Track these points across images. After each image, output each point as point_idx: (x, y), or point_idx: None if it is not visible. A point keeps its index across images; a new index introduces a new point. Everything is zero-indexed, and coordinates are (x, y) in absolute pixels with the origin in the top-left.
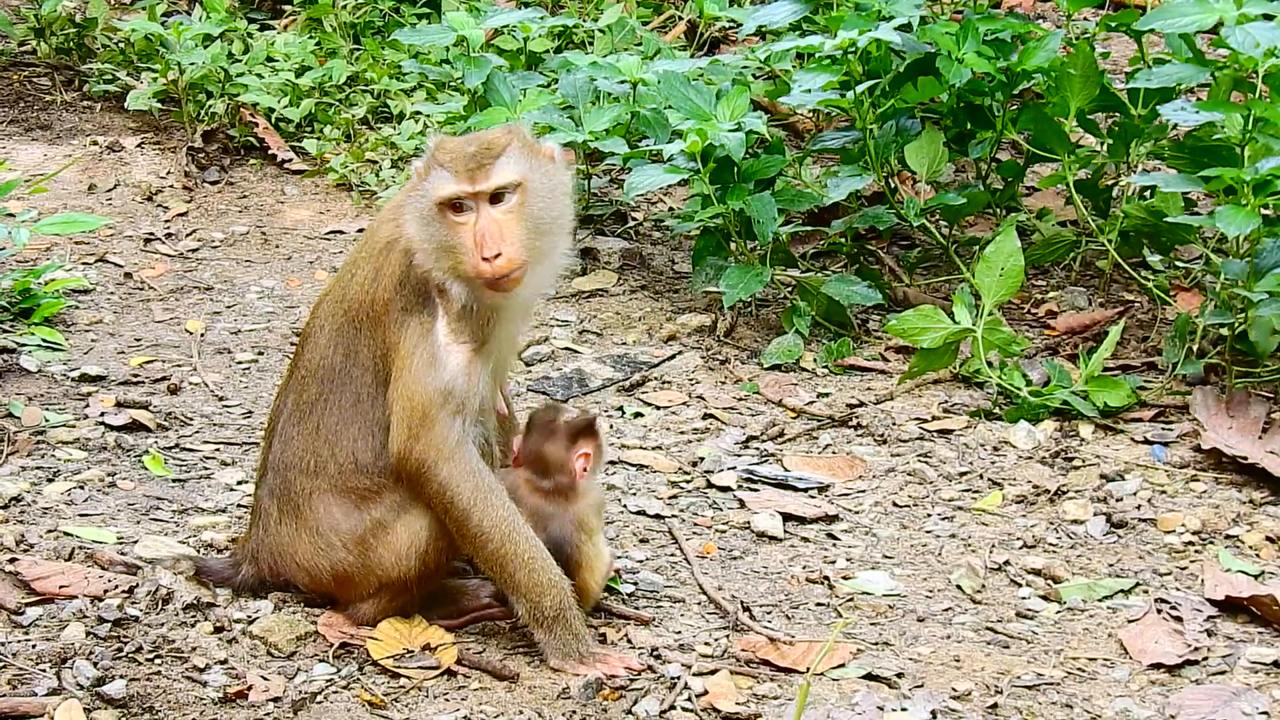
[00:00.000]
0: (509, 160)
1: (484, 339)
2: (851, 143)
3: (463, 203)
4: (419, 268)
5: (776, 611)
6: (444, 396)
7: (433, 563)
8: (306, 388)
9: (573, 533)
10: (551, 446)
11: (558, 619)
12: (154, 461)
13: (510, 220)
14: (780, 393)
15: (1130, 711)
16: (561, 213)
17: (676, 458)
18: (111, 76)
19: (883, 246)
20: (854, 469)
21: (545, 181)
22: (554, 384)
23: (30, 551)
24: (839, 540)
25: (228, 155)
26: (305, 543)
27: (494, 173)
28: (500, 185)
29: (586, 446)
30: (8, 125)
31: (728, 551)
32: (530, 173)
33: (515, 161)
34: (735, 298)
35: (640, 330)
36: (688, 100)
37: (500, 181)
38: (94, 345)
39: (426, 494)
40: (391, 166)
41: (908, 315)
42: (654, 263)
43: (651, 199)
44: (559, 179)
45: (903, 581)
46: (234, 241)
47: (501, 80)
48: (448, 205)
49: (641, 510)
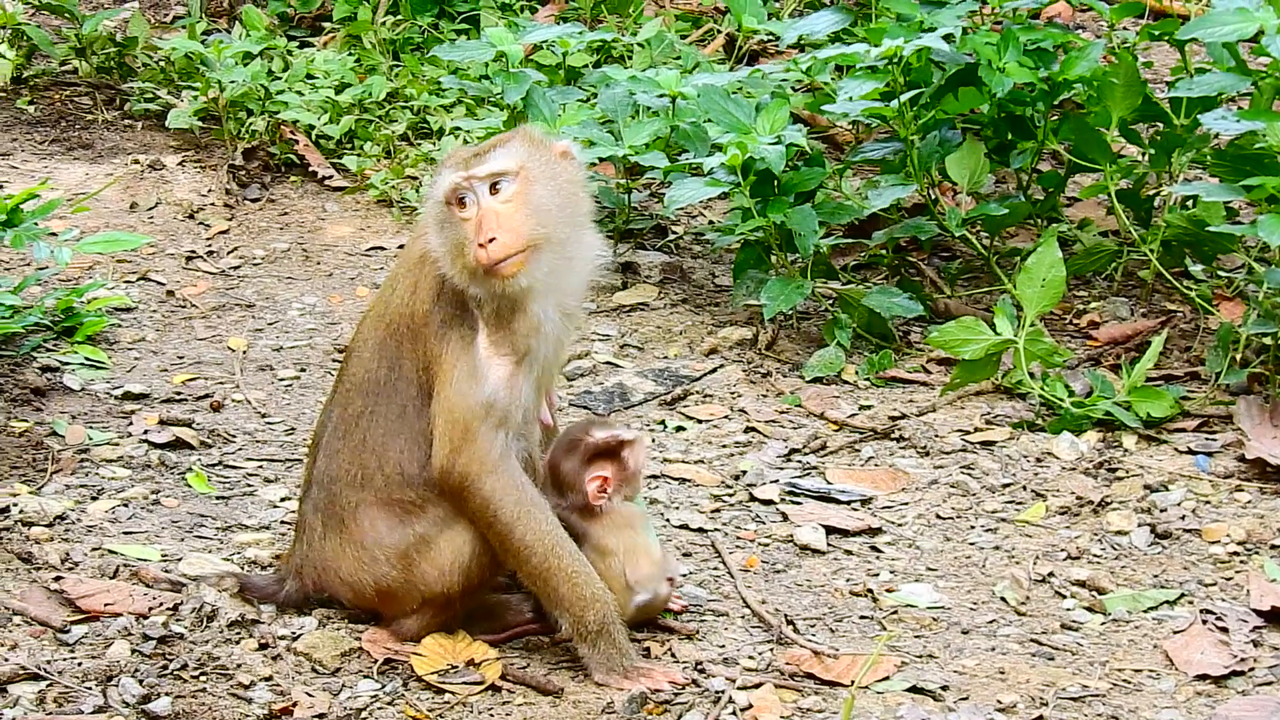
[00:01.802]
0: (507, 150)
1: (525, 351)
2: (893, 154)
3: (465, 195)
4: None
5: (820, 625)
6: (485, 410)
7: (476, 578)
8: (351, 401)
9: (587, 553)
10: (568, 464)
11: (601, 633)
12: (197, 479)
13: (510, 208)
14: (822, 405)
15: None
16: (568, 204)
17: (719, 471)
18: (152, 95)
19: (924, 258)
20: (897, 481)
21: (547, 171)
22: (595, 398)
23: (75, 570)
24: (882, 553)
25: (268, 172)
26: (349, 557)
27: (490, 160)
28: (496, 171)
29: (603, 469)
30: (50, 144)
31: (771, 565)
32: (530, 162)
33: (514, 152)
34: (776, 310)
35: (681, 344)
36: (727, 113)
37: (496, 168)
38: (137, 363)
39: (469, 508)
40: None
41: (949, 327)
42: (695, 276)
43: (692, 212)
44: (566, 171)
45: (947, 594)
46: (275, 258)
47: (541, 95)
48: (452, 200)
49: (684, 524)
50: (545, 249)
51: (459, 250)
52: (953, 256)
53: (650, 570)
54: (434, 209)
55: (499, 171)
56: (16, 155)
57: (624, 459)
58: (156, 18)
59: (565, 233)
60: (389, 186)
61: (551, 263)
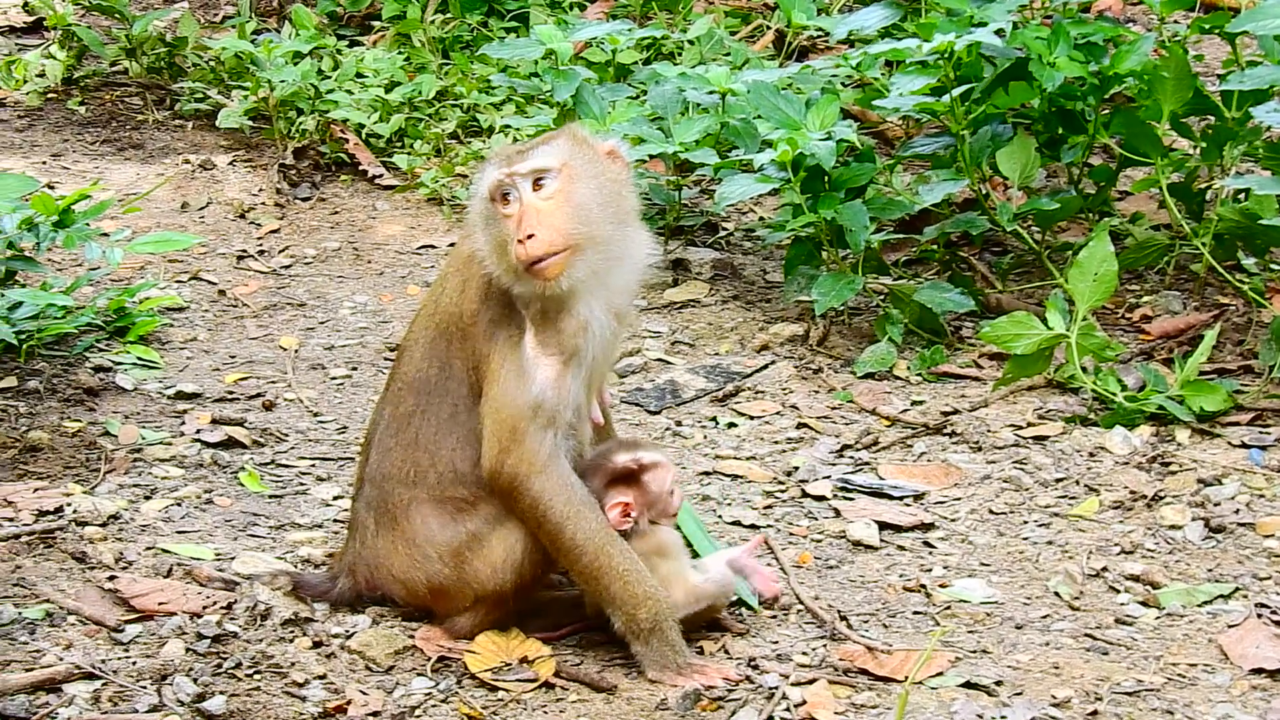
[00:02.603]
0: (551, 147)
1: (573, 350)
2: (944, 149)
3: (508, 191)
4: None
5: (874, 620)
6: (534, 410)
7: (528, 575)
8: (403, 399)
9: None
10: (590, 487)
11: (654, 630)
12: (250, 478)
13: (551, 206)
14: (874, 401)
15: (1232, 717)
16: (612, 203)
17: (771, 468)
18: (202, 95)
19: (975, 253)
20: (949, 476)
21: (592, 169)
22: (647, 395)
23: (129, 569)
24: (935, 548)
25: (319, 172)
26: (402, 555)
27: (533, 156)
28: (538, 168)
29: (622, 494)
30: (101, 145)
31: (824, 561)
32: (574, 160)
33: (558, 149)
34: (827, 306)
35: (733, 340)
36: (777, 110)
37: (539, 164)
38: (189, 363)
39: (519, 508)
40: None
41: (1001, 322)
42: (745, 273)
43: (742, 209)
44: (611, 170)
45: (1000, 589)
46: (326, 257)
47: (590, 93)
48: (495, 196)
49: (737, 521)
50: (588, 249)
51: (502, 248)
52: (1004, 251)
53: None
54: (478, 206)
55: (541, 168)
56: (68, 156)
57: (645, 483)
58: (206, 17)
59: (609, 232)
60: (439, 185)
61: (595, 263)
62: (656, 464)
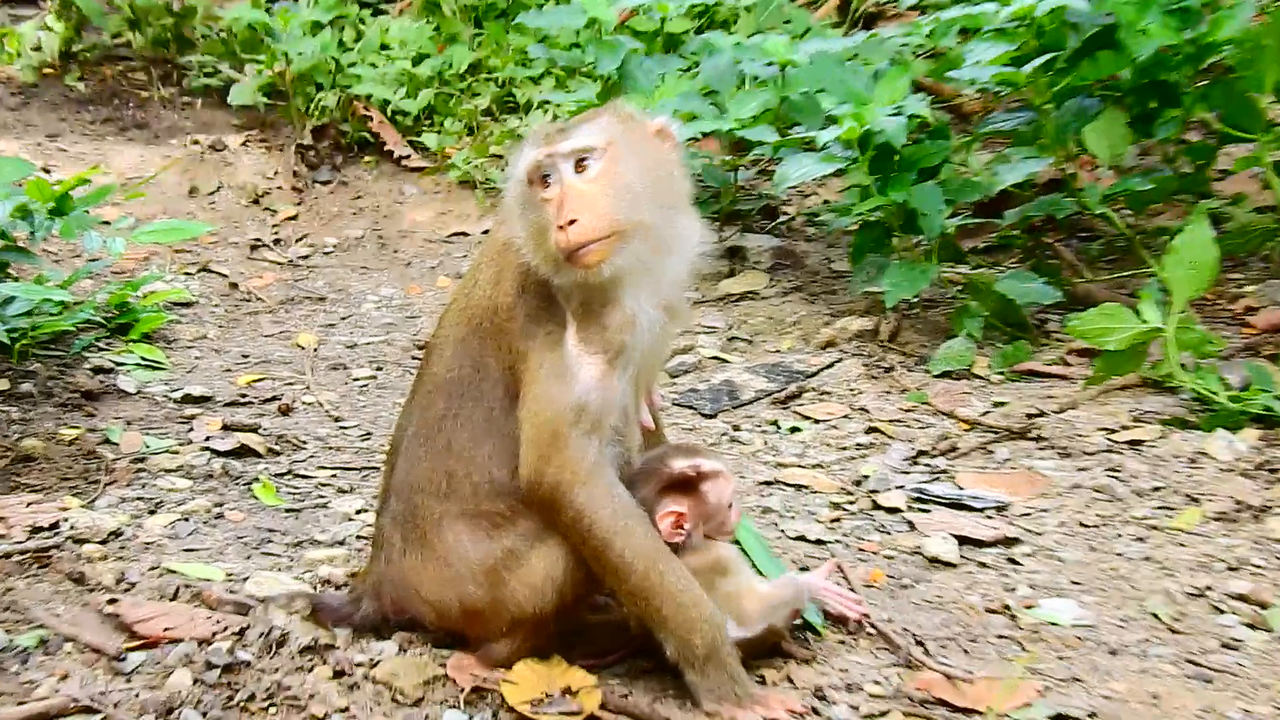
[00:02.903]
0: (595, 125)
1: (619, 348)
2: (1025, 124)
3: (547, 173)
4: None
5: (953, 645)
6: (576, 413)
7: (571, 597)
8: (433, 403)
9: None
10: (640, 495)
11: (710, 658)
12: (265, 490)
13: (595, 189)
14: (951, 403)
15: None
16: (661, 186)
17: (838, 476)
18: (212, 69)
19: (1060, 239)
20: (1035, 486)
21: (639, 149)
22: (701, 397)
23: (131, 591)
24: (1020, 565)
25: (340, 153)
26: (432, 574)
27: (575, 135)
28: (581, 147)
29: (676, 504)
30: (101, 124)
31: (897, 579)
32: (620, 139)
33: (602, 127)
34: (899, 298)
35: (795, 336)
36: (842, 82)
37: (581, 144)
38: (197, 363)
39: (561, 522)
40: None
41: (1090, 315)
42: (808, 261)
43: (804, 191)
44: (661, 151)
45: (1092, 610)
46: (348, 247)
47: (637, 65)
48: (534, 178)
49: (801, 535)
50: (634, 235)
51: (541, 234)
52: (1092, 237)
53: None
54: (515, 189)
55: (584, 148)
56: (65, 137)
57: (703, 493)
58: None
59: (658, 217)
60: (472, 166)
61: (642, 251)
62: (716, 473)
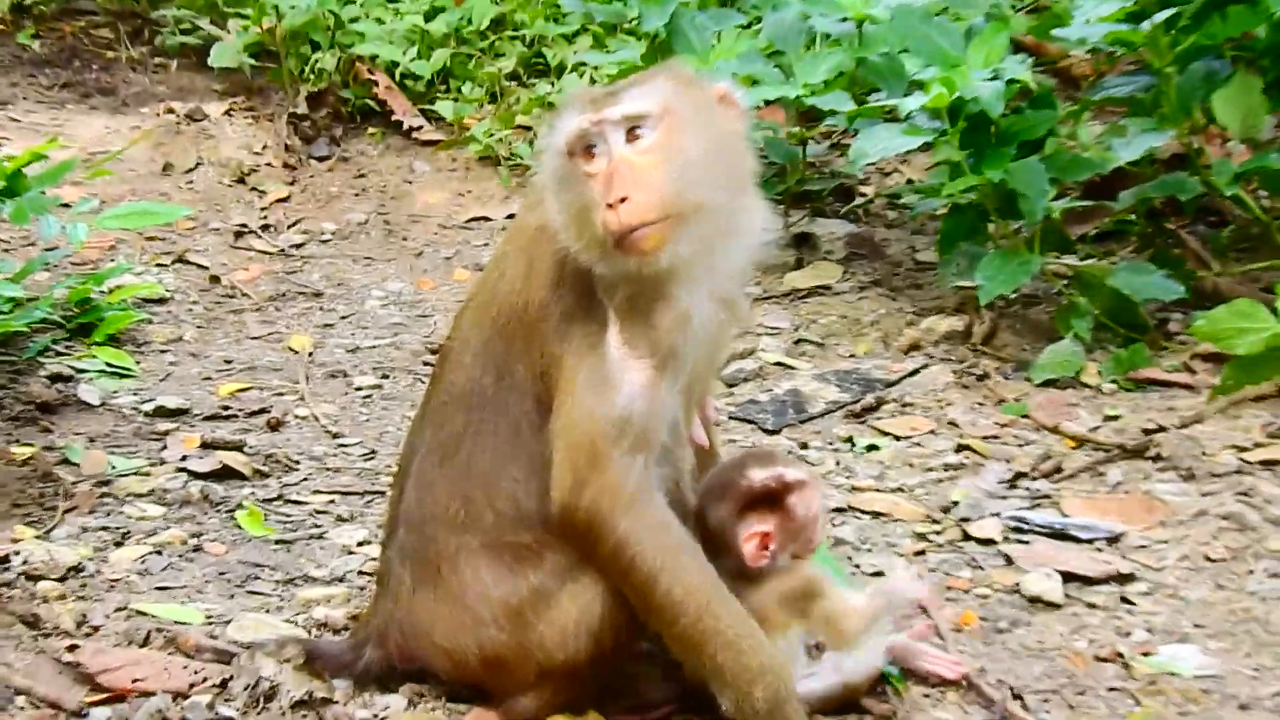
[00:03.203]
0: (649, 89)
1: (669, 351)
2: (1143, 90)
3: (593, 143)
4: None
5: (1056, 699)
6: (619, 428)
7: (609, 643)
8: (450, 417)
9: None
10: (717, 515)
11: (773, 714)
12: (251, 518)
13: (649, 162)
14: (1056, 416)
15: None
16: (725, 161)
17: (923, 502)
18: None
19: (1185, 225)
20: (1153, 513)
21: (700, 118)
22: (763, 409)
23: (94, 636)
24: (1135, 606)
25: (339, 123)
26: (447, 617)
27: (626, 99)
28: (633, 113)
29: (761, 522)
30: (60, 89)
31: (992, 622)
32: (678, 105)
33: (658, 91)
34: (995, 294)
35: (873, 338)
36: (929, 41)
37: (633, 109)
38: (172, 370)
39: (599, 555)
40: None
41: (1219, 313)
42: (889, 251)
43: (884, 169)
44: (724, 119)
45: (1219, 657)
46: (349, 233)
47: (689, 21)
48: (576, 149)
49: (879, 571)
50: (694, 218)
51: (584, 216)
52: (1222, 222)
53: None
54: (553, 162)
55: (637, 114)
56: (18, 105)
57: (790, 506)
58: None
59: (721, 198)
60: (494, 139)
61: (702, 236)
62: (802, 483)
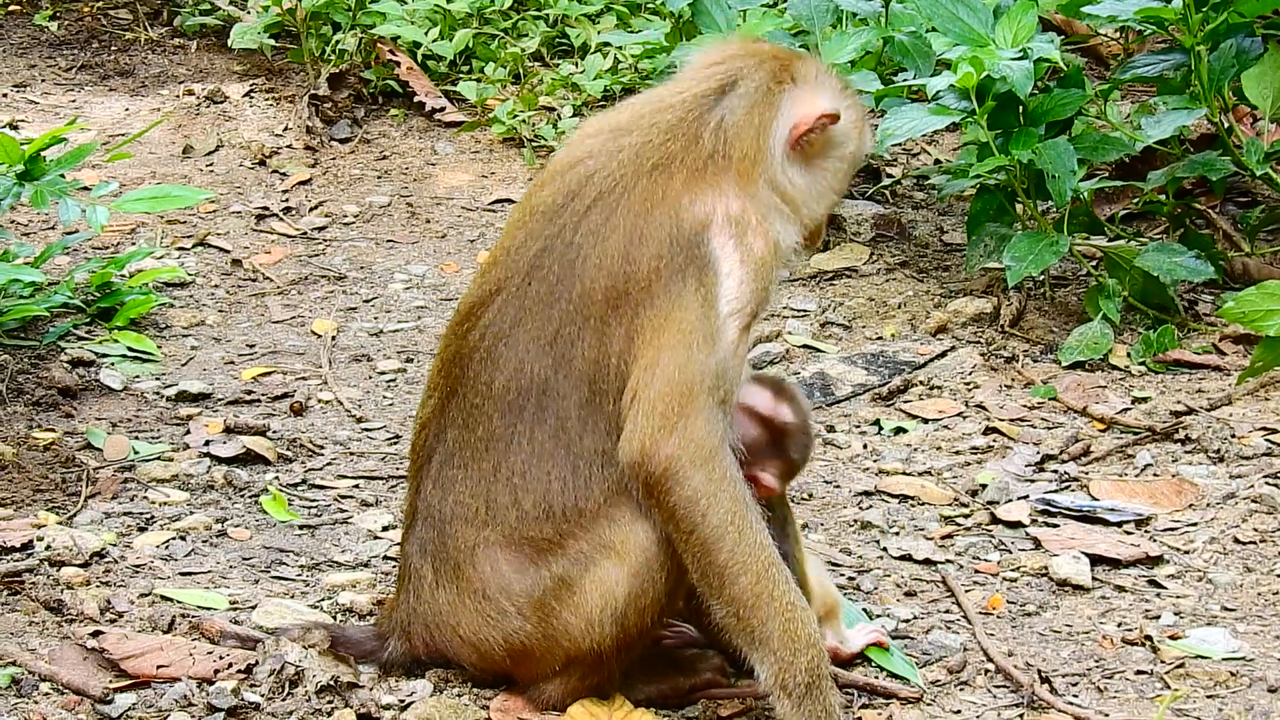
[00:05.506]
0: None
1: (760, 305)
2: (1173, 69)
3: None
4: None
5: (1084, 682)
6: (716, 379)
7: (634, 626)
8: (480, 419)
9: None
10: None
11: (811, 689)
12: (275, 503)
13: None
14: (1084, 398)
15: None
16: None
17: (951, 486)
18: (210, 6)
19: (1215, 205)
20: (1182, 496)
21: None
22: None
23: (119, 622)
24: (1164, 589)
25: (361, 105)
26: (470, 611)
27: None
28: None
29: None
30: (79, 71)
31: (1019, 606)
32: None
33: None
34: (1023, 275)
35: (900, 320)
36: (957, 20)
37: None
38: (194, 354)
39: (666, 506)
40: (574, 114)
41: (1249, 294)
42: (916, 232)
43: (911, 149)
44: None
45: (1248, 640)
46: (371, 216)
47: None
48: None
49: (907, 554)
50: None
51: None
52: (1253, 203)
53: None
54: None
55: None
56: (36, 86)
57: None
58: None
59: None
60: (518, 120)
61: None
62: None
